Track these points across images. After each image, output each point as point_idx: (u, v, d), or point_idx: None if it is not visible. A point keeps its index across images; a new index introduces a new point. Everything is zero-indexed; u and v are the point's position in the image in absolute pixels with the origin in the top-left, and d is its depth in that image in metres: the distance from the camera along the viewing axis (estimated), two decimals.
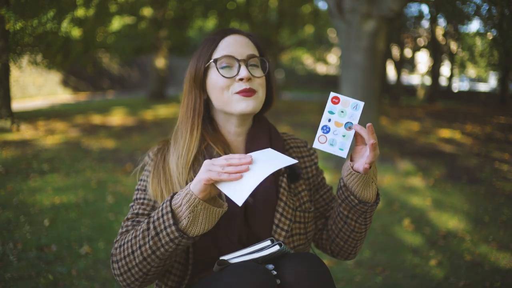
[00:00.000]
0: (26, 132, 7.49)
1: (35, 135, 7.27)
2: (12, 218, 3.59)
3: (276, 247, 1.05)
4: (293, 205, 1.26)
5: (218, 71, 1.19)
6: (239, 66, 1.19)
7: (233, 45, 1.21)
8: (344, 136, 1.10)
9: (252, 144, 1.28)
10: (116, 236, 1.19)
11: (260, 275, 0.99)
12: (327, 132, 1.11)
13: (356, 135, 1.11)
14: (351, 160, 1.15)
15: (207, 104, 1.28)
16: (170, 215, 1.02)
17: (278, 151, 1.26)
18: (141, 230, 1.06)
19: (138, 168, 1.33)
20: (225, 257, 1.10)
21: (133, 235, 1.08)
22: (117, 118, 10.03)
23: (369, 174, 1.14)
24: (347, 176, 1.16)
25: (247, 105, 1.20)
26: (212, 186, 1.00)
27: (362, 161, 1.11)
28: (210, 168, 0.99)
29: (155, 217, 1.05)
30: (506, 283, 2.76)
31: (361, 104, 1.11)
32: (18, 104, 11.15)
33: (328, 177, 5.17)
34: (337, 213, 1.29)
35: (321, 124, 1.12)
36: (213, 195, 1.03)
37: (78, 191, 4.46)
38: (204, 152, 1.24)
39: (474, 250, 3.30)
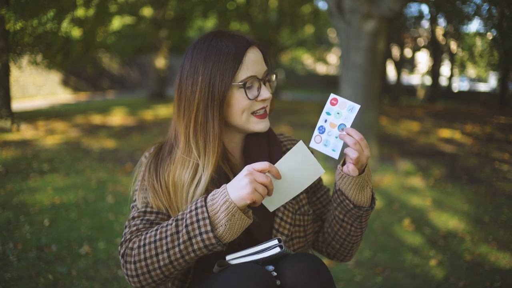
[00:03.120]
0: (26, 132, 7.49)
1: (35, 135, 7.27)
2: (12, 218, 3.59)
3: (277, 249, 1.05)
4: (292, 208, 1.26)
5: (246, 94, 1.15)
6: (260, 86, 1.17)
7: (255, 63, 1.16)
8: (337, 137, 1.12)
9: (251, 150, 1.27)
10: (124, 235, 1.15)
11: (260, 276, 1.00)
12: (323, 132, 1.13)
13: (341, 137, 1.12)
14: (344, 163, 1.15)
15: None
16: (208, 221, 1.01)
17: (277, 153, 1.27)
18: (169, 233, 1.04)
19: (137, 167, 1.31)
20: (227, 258, 1.10)
21: (157, 237, 1.05)
22: (117, 118, 10.03)
23: (363, 178, 1.14)
24: (340, 179, 1.16)
25: (264, 126, 1.21)
26: None
27: (348, 162, 1.12)
28: (256, 188, 1.00)
29: (188, 221, 1.02)
30: (506, 283, 2.76)
31: (357, 107, 1.11)
32: (18, 104, 11.15)
33: (328, 178, 5.17)
34: (332, 217, 1.29)
35: (318, 124, 1.13)
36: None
37: (78, 191, 4.46)
38: None
39: (474, 250, 3.30)
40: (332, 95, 1.14)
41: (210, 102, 1.13)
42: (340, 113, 1.12)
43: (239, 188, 1.00)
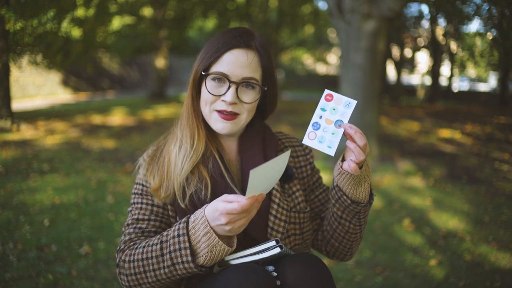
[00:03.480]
0: (26, 132, 7.49)
1: (35, 135, 7.27)
2: (12, 218, 3.59)
3: (277, 250, 1.05)
4: (287, 206, 1.25)
5: (206, 86, 1.19)
6: (229, 87, 1.17)
7: (232, 64, 1.16)
8: (333, 133, 1.09)
9: (245, 148, 1.27)
10: (120, 243, 1.21)
11: (260, 276, 1.00)
12: (317, 129, 1.10)
13: (347, 133, 1.09)
14: (343, 159, 1.14)
15: None
16: (188, 251, 1.04)
17: (271, 151, 1.28)
18: (154, 254, 1.09)
19: (136, 169, 1.34)
20: (226, 258, 1.10)
21: (144, 255, 1.11)
22: (117, 118, 10.03)
23: (361, 173, 1.13)
24: (338, 175, 1.16)
25: (223, 128, 1.20)
26: None
27: (350, 160, 1.11)
28: (239, 226, 1.00)
29: (171, 248, 1.06)
30: (506, 283, 2.76)
31: (354, 102, 1.09)
32: (18, 104, 11.15)
33: (327, 177, 5.17)
34: (331, 214, 1.29)
35: (312, 121, 1.11)
36: None
37: (78, 191, 4.46)
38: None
39: (474, 250, 3.30)
40: (326, 91, 1.12)
41: (192, 84, 1.24)
42: (336, 109, 1.10)
43: (223, 230, 1.01)
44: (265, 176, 1.02)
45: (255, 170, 0.98)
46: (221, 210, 0.98)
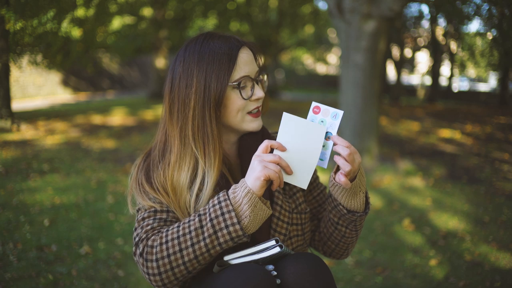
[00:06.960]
0: (26, 132, 7.49)
1: (35, 135, 7.27)
2: (12, 218, 3.59)
3: (277, 249, 1.05)
4: (289, 207, 1.26)
5: (241, 94, 1.15)
6: (253, 85, 1.18)
7: (247, 63, 1.17)
8: (323, 146, 1.09)
9: (244, 149, 1.26)
10: (137, 235, 1.11)
11: (260, 275, 1.00)
12: None
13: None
14: (338, 170, 1.14)
15: None
16: (233, 214, 1.02)
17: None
18: (193, 228, 1.04)
19: (132, 173, 1.28)
20: (226, 258, 1.10)
21: (180, 232, 1.04)
22: (117, 118, 10.03)
23: (355, 185, 1.13)
24: (331, 187, 1.17)
25: (258, 125, 1.21)
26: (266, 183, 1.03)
27: (340, 173, 1.10)
28: (266, 165, 1.01)
29: (212, 215, 1.03)
30: (506, 283, 2.76)
31: (341, 113, 1.10)
32: (18, 104, 11.15)
33: (326, 177, 5.17)
34: (327, 219, 1.30)
35: None
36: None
37: (78, 191, 4.46)
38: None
39: (474, 250, 3.30)
40: (314, 103, 1.12)
41: (207, 104, 1.12)
42: (324, 121, 1.10)
43: (252, 171, 1.03)
44: (299, 134, 1.05)
45: (287, 114, 1.05)
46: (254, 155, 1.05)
